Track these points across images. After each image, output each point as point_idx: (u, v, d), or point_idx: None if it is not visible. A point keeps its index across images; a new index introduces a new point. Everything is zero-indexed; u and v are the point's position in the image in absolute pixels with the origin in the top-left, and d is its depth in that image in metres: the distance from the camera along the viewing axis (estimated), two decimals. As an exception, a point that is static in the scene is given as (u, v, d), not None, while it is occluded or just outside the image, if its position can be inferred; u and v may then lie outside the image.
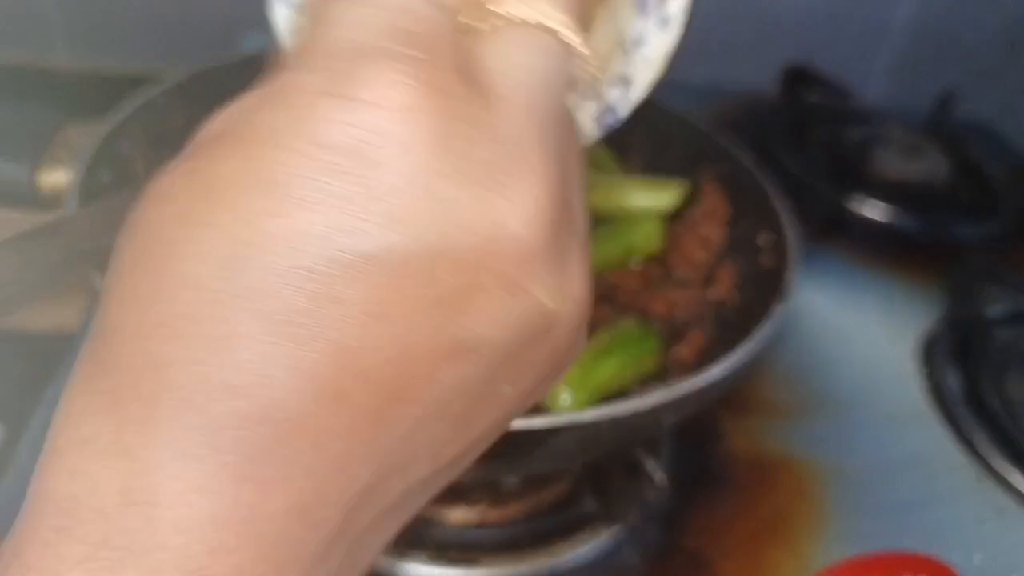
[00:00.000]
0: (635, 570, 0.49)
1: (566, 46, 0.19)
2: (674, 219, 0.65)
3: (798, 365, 0.66)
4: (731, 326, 0.55)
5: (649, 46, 0.33)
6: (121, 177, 0.52)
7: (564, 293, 0.18)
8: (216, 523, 0.14)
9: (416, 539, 0.48)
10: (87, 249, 0.28)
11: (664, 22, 0.33)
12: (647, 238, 0.61)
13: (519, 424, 0.36)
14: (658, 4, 0.32)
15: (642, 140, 0.70)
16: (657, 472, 0.44)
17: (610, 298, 0.56)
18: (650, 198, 0.64)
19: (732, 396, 0.61)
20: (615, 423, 0.36)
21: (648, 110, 0.70)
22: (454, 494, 0.50)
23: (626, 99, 0.35)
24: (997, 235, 0.90)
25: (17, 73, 0.96)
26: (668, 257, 0.62)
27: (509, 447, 0.37)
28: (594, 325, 0.49)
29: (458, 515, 0.49)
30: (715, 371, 0.40)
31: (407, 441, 0.16)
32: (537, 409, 0.46)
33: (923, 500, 0.56)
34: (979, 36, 1.11)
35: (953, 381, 0.67)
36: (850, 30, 1.10)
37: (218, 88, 0.62)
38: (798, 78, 1.04)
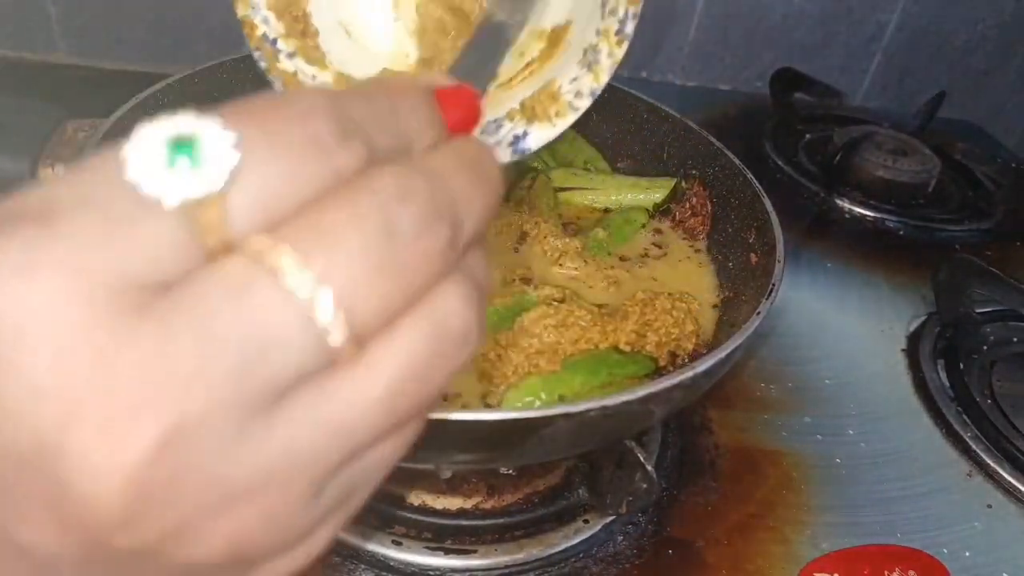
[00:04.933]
0: (626, 558, 0.49)
1: (297, 310, 0.16)
2: (663, 215, 0.66)
3: (786, 360, 0.67)
4: (720, 320, 0.56)
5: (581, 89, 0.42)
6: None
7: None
8: None
9: (413, 528, 0.49)
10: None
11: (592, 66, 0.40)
12: (634, 229, 0.63)
13: (513, 414, 0.37)
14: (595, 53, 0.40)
15: (636, 139, 0.71)
16: (647, 464, 0.45)
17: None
18: (638, 195, 0.65)
19: (721, 390, 0.62)
20: (606, 413, 0.37)
21: (643, 111, 0.72)
22: (450, 485, 0.51)
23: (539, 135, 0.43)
24: (985, 234, 0.91)
25: (18, 69, 0.97)
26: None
27: (503, 437, 0.38)
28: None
29: (454, 505, 0.50)
30: (703, 364, 0.41)
31: None
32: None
33: (912, 495, 0.57)
34: (969, 38, 1.13)
35: (941, 377, 0.67)
36: (841, 32, 1.11)
37: (219, 85, 0.63)
38: (789, 80, 1.05)
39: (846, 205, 0.90)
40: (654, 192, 0.65)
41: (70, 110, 0.55)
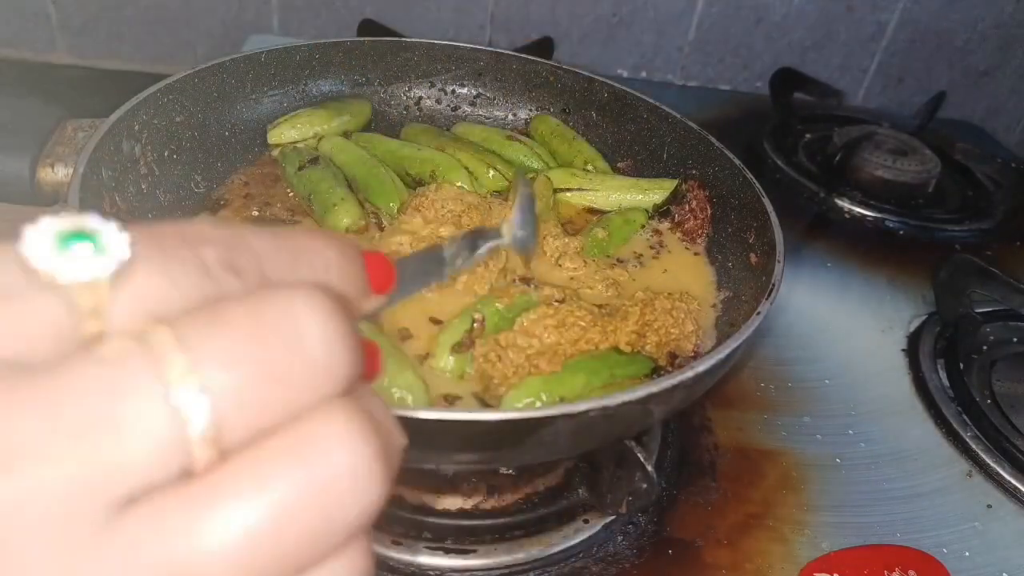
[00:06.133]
0: (626, 558, 0.49)
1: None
2: (663, 216, 0.66)
3: (786, 360, 0.67)
4: (720, 320, 0.56)
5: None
6: (121, 174, 0.53)
7: None
8: None
9: (413, 528, 0.49)
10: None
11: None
12: (634, 230, 0.63)
13: (512, 414, 0.37)
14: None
15: (636, 139, 0.71)
16: (647, 464, 0.45)
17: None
18: (638, 196, 0.65)
19: (721, 390, 0.62)
20: (606, 413, 0.37)
21: (643, 111, 0.72)
22: (450, 485, 0.51)
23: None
24: (985, 233, 0.91)
25: (17, 69, 0.97)
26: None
27: (504, 437, 0.38)
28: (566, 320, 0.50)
29: (454, 505, 0.50)
30: (703, 364, 0.41)
31: None
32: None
33: (912, 494, 0.57)
34: (969, 38, 1.13)
35: (941, 377, 0.67)
36: (841, 32, 1.11)
37: (219, 86, 0.63)
38: (789, 80, 1.05)
39: (846, 205, 0.90)
40: (653, 193, 0.65)
41: (70, 110, 0.55)
